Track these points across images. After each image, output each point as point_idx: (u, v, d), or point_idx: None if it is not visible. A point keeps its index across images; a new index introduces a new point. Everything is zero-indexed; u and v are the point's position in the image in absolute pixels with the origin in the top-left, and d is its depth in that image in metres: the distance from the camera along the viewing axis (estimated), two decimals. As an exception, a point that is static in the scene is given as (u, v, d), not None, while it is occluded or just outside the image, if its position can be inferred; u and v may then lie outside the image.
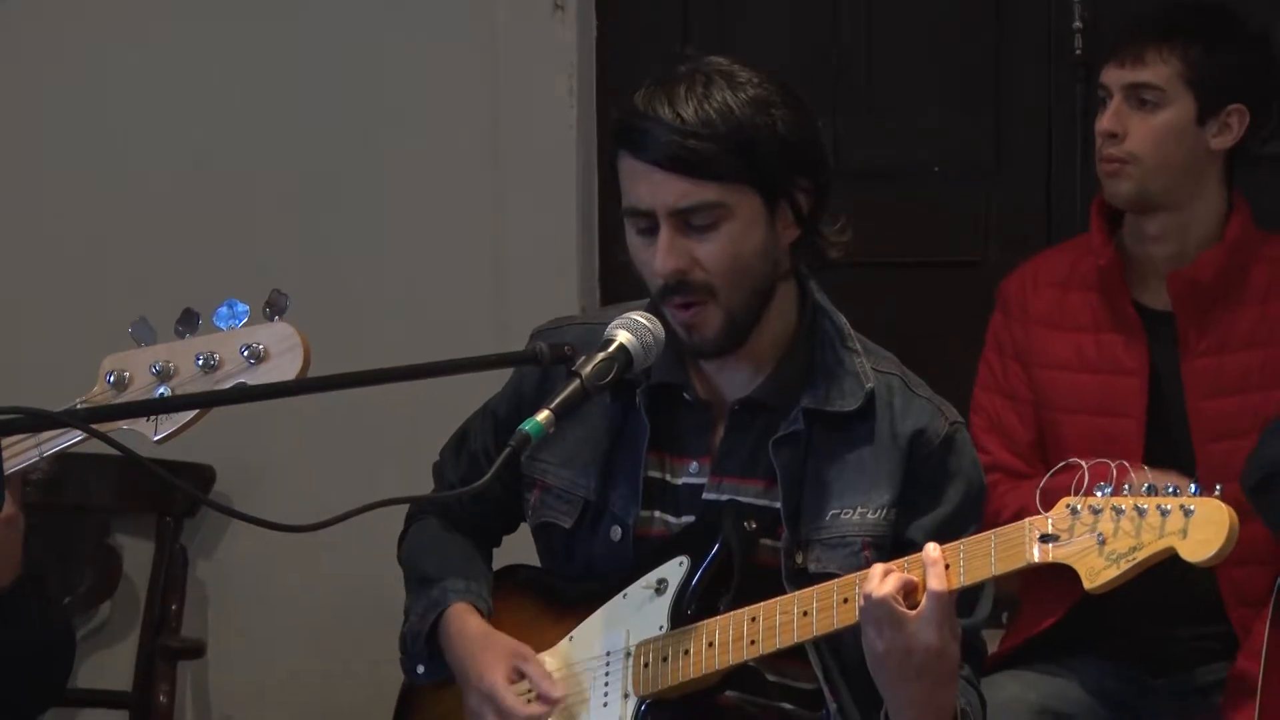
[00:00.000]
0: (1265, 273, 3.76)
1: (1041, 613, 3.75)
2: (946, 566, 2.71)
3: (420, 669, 3.12)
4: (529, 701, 2.96)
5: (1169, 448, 3.58)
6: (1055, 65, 4.36)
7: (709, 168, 2.85)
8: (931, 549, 2.71)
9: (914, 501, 2.95)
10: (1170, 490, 2.58)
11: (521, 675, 2.97)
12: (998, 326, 3.89)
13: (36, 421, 2.55)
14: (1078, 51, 4.31)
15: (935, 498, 2.95)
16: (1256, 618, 3.36)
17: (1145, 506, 2.59)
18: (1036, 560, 2.65)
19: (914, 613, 2.69)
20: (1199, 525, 2.55)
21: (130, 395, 2.70)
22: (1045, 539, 2.65)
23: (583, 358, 2.83)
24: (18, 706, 3.18)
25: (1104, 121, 3.71)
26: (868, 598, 2.70)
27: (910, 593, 2.70)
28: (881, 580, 2.70)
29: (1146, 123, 3.69)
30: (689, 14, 4.48)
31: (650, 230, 2.90)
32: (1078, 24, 4.30)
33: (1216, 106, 3.71)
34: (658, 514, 3.03)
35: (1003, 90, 4.41)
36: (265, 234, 4.46)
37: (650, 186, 2.87)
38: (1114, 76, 3.72)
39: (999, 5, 4.40)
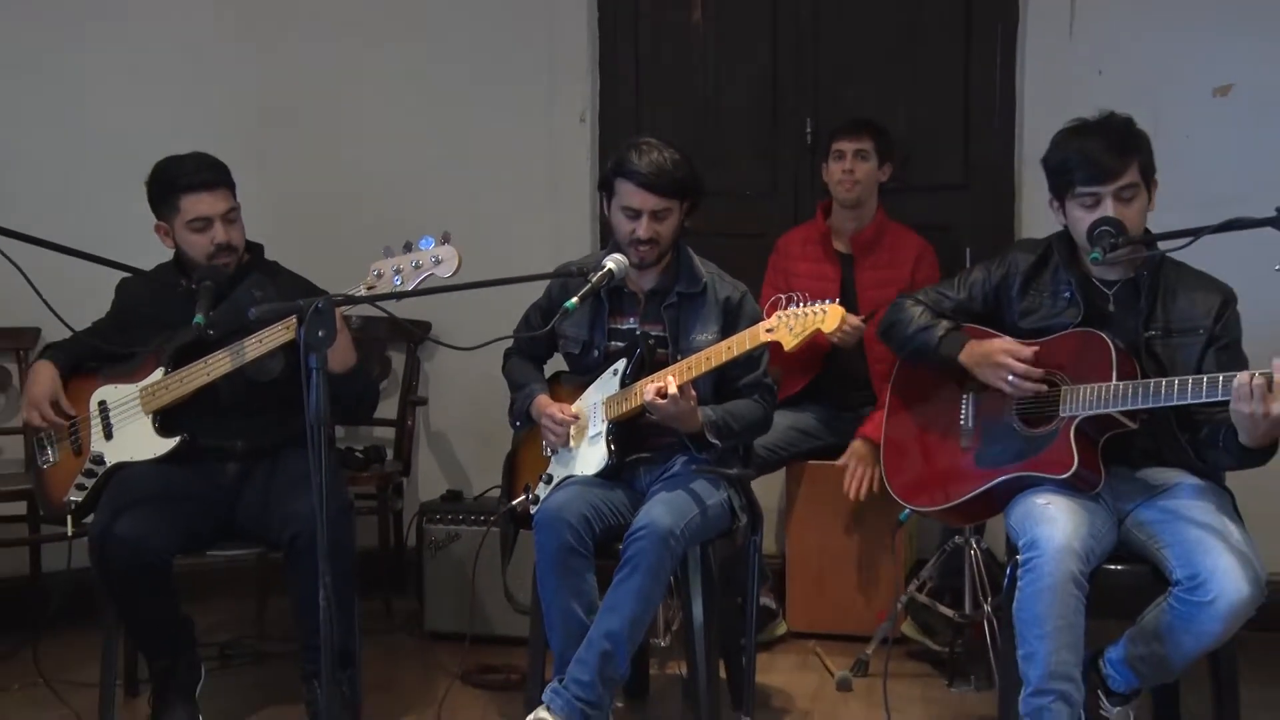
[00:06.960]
0: (889, 236, 3.75)
1: (793, 384, 3.72)
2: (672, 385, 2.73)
3: (518, 424, 3.12)
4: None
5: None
6: (798, 145, 4.27)
7: (668, 191, 2.86)
8: (671, 380, 2.74)
9: (726, 330, 2.93)
10: (817, 304, 2.64)
11: (562, 413, 2.99)
12: (774, 258, 3.87)
13: (352, 301, 2.61)
14: (808, 141, 4.24)
15: (736, 328, 2.92)
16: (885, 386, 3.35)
17: (807, 312, 2.63)
18: (761, 340, 2.70)
19: (664, 401, 2.73)
20: (829, 316, 2.61)
21: (384, 283, 2.72)
22: (768, 330, 2.69)
23: (590, 272, 2.87)
24: (358, 414, 3.20)
25: (847, 164, 3.68)
26: (645, 397, 2.75)
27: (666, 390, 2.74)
28: (653, 388, 2.75)
29: (865, 166, 3.70)
30: (640, 120, 4.36)
31: (633, 217, 2.88)
32: (809, 130, 4.23)
33: (884, 161, 3.73)
34: (614, 343, 3.03)
35: (776, 156, 4.31)
36: (442, 209, 4.25)
37: (641, 198, 2.86)
38: (850, 146, 3.70)
39: (776, 115, 4.29)
